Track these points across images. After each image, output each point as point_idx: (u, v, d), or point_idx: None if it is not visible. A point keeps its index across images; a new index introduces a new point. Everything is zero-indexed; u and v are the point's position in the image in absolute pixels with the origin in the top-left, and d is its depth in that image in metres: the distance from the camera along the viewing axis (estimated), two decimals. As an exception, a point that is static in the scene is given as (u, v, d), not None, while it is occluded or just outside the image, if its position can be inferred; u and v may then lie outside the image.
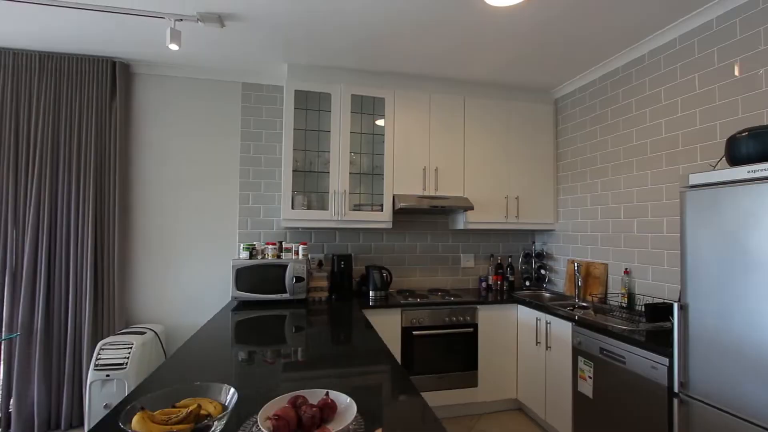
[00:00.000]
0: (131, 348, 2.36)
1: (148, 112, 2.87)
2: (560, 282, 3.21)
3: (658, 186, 2.36)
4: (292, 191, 2.79)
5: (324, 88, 2.83)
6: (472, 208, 2.91)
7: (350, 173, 2.92)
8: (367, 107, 3.00)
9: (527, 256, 3.40)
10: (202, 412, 0.95)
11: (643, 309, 2.38)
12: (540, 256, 3.35)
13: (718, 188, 1.44)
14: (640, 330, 1.99)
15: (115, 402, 2.25)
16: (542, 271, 3.29)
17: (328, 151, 2.86)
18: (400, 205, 2.77)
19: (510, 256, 3.44)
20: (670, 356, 1.64)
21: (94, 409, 2.25)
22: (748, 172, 1.34)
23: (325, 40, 2.47)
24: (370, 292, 2.86)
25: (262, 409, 0.94)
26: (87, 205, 2.61)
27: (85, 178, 2.63)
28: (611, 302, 2.63)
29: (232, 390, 0.98)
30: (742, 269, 1.36)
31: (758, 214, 1.32)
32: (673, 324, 1.73)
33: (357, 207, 2.92)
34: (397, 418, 1.04)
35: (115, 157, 2.70)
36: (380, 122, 3.00)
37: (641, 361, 1.78)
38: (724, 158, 1.63)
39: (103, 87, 2.69)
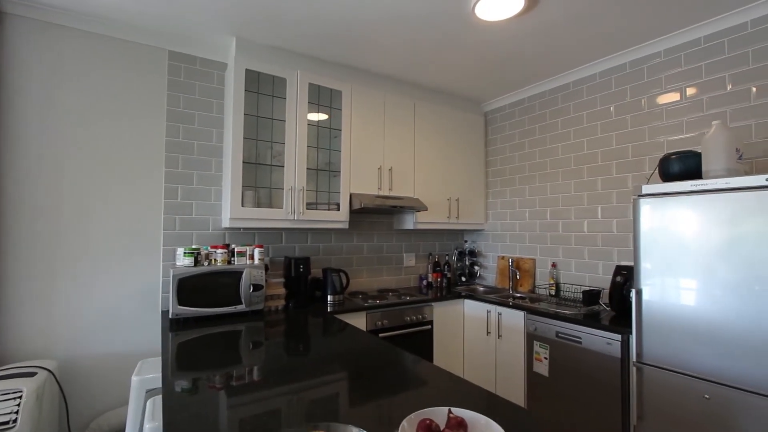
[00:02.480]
0: (20, 397, 1.68)
1: (32, 72, 2.09)
2: (490, 276, 3.57)
3: (580, 193, 2.85)
4: (242, 186, 2.42)
5: (279, 71, 2.53)
6: (426, 209, 3.00)
7: (307, 168, 2.68)
8: (324, 99, 2.80)
9: (461, 254, 3.68)
10: (335, 461, 0.76)
11: (569, 296, 2.84)
12: (471, 253, 3.67)
13: (665, 197, 1.84)
14: (581, 313, 2.38)
15: (-2, 478, 1.57)
16: (475, 267, 3.61)
17: (283, 143, 2.57)
18: (360, 204, 2.67)
19: (447, 255, 3.67)
20: (623, 333, 2.01)
21: (-42, 495, 1.53)
22: (691, 185, 1.75)
23: (295, 23, 2.22)
24: (329, 296, 2.67)
25: (402, 442, 0.81)
26: None
27: None
28: (540, 292, 3.07)
29: None
30: (682, 259, 1.76)
31: (695, 217, 1.72)
32: (600, 306, 2.16)
33: (312, 205, 2.70)
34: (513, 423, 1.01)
35: (-26, 127, 1.88)
36: (336, 117, 2.83)
37: (597, 339, 2.14)
38: (657, 173, 2.08)
39: (-48, 24, 1.85)
